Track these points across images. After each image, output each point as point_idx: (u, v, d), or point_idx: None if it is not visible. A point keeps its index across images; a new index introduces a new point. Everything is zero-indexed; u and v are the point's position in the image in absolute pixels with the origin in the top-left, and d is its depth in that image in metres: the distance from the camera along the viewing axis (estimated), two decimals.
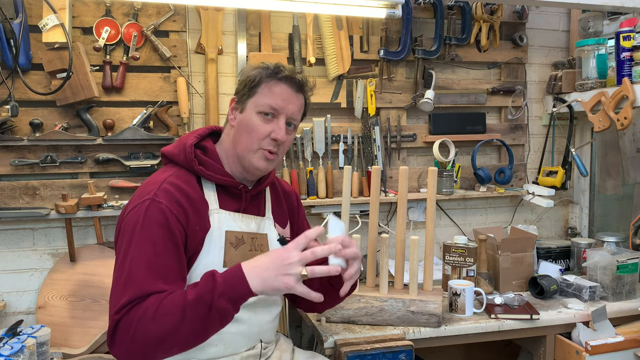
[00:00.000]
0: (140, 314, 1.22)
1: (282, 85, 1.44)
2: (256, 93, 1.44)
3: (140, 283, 1.25)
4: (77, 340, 2.04)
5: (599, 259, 2.21)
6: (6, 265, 2.13)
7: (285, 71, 1.45)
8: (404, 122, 2.54)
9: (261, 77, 1.44)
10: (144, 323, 1.21)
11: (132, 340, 1.21)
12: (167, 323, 1.21)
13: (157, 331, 1.21)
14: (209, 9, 2.22)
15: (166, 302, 1.23)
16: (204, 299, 1.23)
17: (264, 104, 1.43)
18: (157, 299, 1.24)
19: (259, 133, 1.43)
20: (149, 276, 1.26)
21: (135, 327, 1.21)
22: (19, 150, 2.07)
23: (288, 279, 1.25)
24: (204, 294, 1.23)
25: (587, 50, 2.46)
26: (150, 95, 2.19)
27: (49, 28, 1.91)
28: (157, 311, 1.21)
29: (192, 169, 1.44)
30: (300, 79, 1.47)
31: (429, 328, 1.88)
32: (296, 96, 1.47)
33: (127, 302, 1.23)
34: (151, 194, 1.34)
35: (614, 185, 2.67)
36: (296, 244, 1.29)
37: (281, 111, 1.44)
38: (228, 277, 1.26)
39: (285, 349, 1.65)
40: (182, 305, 1.22)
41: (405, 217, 1.97)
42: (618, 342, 1.94)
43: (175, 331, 1.22)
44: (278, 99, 1.43)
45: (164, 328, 1.21)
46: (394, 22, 2.47)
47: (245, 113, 1.45)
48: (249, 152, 1.44)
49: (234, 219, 1.48)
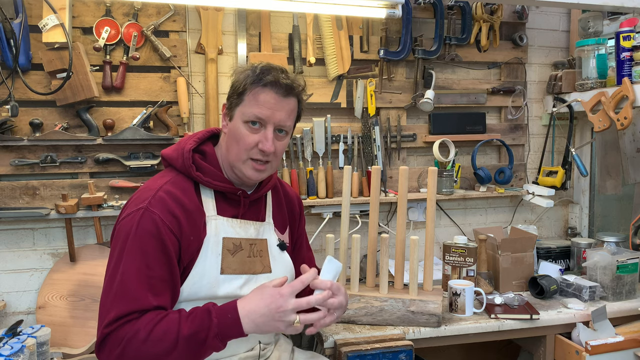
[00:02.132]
0: (132, 334, 1.24)
1: (267, 91, 1.39)
2: (242, 101, 1.41)
3: (130, 297, 1.27)
4: (77, 340, 2.04)
5: (599, 259, 2.21)
6: (6, 265, 2.13)
7: (270, 76, 1.38)
8: (404, 122, 2.54)
9: (246, 84, 1.39)
10: (135, 344, 1.24)
11: (120, 355, 1.24)
12: (158, 349, 1.25)
13: (147, 355, 1.25)
14: (209, 9, 2.22)
15: (159, 328, 1.25)
16: (198, 336, 1.27)
17: (250, 114, 1.39)
18: (149, 322, 1.25)
19: (246, 143, 1.40)
20: (140, 289, 1.28)
21: (125, 345, 1.24)
22: (19, 150, 2.07)
23: (280, 325, 1.31)
24: (200, 331, 1.27)
25: (587, 50, 2.46)
26: (150, 95, 2.19)
27: (49, 28, 1.91)
28: (149, 336, 1.24)
29: (189, 175, 1.43)
30: (286, 82, 1.39)
31: (429, 328, 1.88)
32: (285, 101, 1.41)
33: (117, 317, 1.25)
34: (145, 202, 1.34)
35: (614, 185, 2.67)
36: (292, 289, 1.32)
37: (268, 120, 1.40)
38: (223, 319, 1.29)
39: (284, 349, 1.65)
40: (176, 337, 1.25)
41: (405, 217, 1.97)
42: (618, 342, 1.94)
43: (165, 357, 1.26)
44: (263, 107, 1.39)
45: (154, 353, 1.25)
46: (394, 22, 2.47)
47: (234, 122, 1.42)
48: (238, 161, 1.43)
49: (231, 225, 1.46)
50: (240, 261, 1.46)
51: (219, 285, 1.41)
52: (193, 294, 1.38)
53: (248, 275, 1.47)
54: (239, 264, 1.45)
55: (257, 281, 1.47)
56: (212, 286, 1.40)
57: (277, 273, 1.52)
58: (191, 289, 1.38)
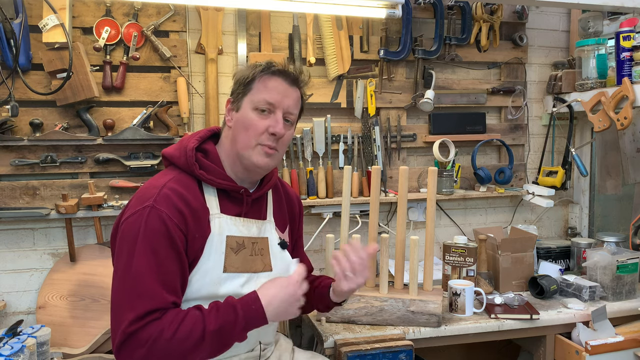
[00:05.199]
0: (157, 333, 1.24)
1: (276, 79, 1.45)
2: (251, 90, 1.44)
3: (147, 296, 1.26)
4: (77, 340, 2.04)
5: (599, 259, 2.21)
6: (6, 265, 2.13)
7: (278, 65, 1.46)
8: (404, 122, 2.54)
9: (255, 74, 1.44)
10: (161, 342, 1.24)
11: (146, 355, 1.24)
12: (185, 346, 1.26)
13: (174, 352, 1.26)
14: (209, 9, 2.22)
15: (184, 326, 1.26)
16: (226, 330, 1.30)
17: (260, 99, 1.43)
18: (173, 321, 1.26)
19: (257, 128, 1.42)
20: (155, 287, 1.27)
21: (151, 345, 1.24)
22: (19, 150, 2.07)
23: (294, 310, 1.40)
24: (227, 325, 1.30)
25: (587, 50, 2.46)
26: (150, 95, 2.19)
27: (49, 28, 1.91)
28: (175, 334, 1.25)
29: (192, 173, 1.43)
30: (294, 72, 1.47)
31: (429, 328, 1.88)
32: (291, 89, 1.47)
33: (138, 317, 1.24)
34: (151, 200, 1.33)
35: (614, 185, 2.67)
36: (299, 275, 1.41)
37: (277, 105, 1.44)
38: (248, 311, 1.33)
39: (285, 349, 1.65)
40: (202, 333, 1.27)
41: (405, 217, 1.97)
42: (618, 342, 1.94)
43: (190, 354, 1.27)
44: (273, 92, 1.43)
45: (180, 350, 1.26)
46: (394, 22, 2.47)
47: (242, 111, 1.44)
48: (247, 149, 1.43)
49: (235, 223, 1.47)
50: (242, 260, 1.46)
51: (221, 283, 1.41)
52: (195, 291, 1.38)
53: (249, 273, 1.47)
54: (241, 263, 1.45)
55: (258, 279, 1.47)
56: (214, 284, 1.40)
57: (278, 271, 1.52)
58: (193, 286, 1.38)
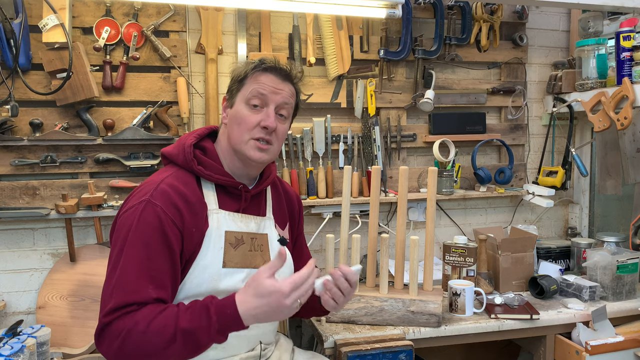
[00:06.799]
0: (131, 325, 1.23)
1: (268, 74, 1.46)
2: (243, 85, 1.47)
3: (130, 288, 1.26)
4: (77, 340, 2.04)
5: (599, 259, 2.21)
6: (6, 265, 2.12)
7: (270, 62, 1.47)
8: (404, 122, 2.54)
9: (247, 71, 1.47)
10: (134, 335, 1.23)
11: (120, 347, 1.24)
12: (157, 342, 1.24)
13: (146, 346, 1.24)
14: (209, 9, 2.22)
15: (158, 321, 1.24)
16: (197, 330, 1.24)
17: (252, 91, 1.44)
18: (149, 314, 1.25)
19: (248, 123, 1.44)
20: (140, 281, 1.27)
21: (124, 337, 1.23)
22: (19, 150, 2.07)
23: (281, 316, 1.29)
24: (198, 325, 1.24)
25: (587, 50, 2.46)
26: (150, 95, 2.19)
27: (49, 28, 1.90)
28: (148, 328, 1.23)
29: (191, 169, 1.44)
30: (285, 68, 1.49)
31: (429, 328, 1.88)
32: (283, 84, 1.48)
33: (116, 308, 1.25)
34: (147, 195, 1.34)
35: (614, 185, 2.66)
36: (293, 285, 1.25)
37: (269, 99, 1.45)
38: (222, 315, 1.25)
39: (285, 349, 1.65)
40: (174, 330, 1.24)
41: (405, 217, 1.97)
42: (618, 342, 1.94)
43: (164, 350, 1.25)
44: (264, 85, 1.45)
45: (153, 345, 1.24)
46: (394, 22, 2.47)
47: (235, 107, 1.47)
48: (240, 143, 1.45)
49: (233, 219, 1.47)
50: (241, 255, 1.46)
51: (220, 278, 1.41)
52: (195, 287, 1.39)
53: (249, 269, 1.47)
54: (240, 258, 1.46)
55: None
56: (213, 279, 1.40)
57: None
58: (193, 282, 1.38)
